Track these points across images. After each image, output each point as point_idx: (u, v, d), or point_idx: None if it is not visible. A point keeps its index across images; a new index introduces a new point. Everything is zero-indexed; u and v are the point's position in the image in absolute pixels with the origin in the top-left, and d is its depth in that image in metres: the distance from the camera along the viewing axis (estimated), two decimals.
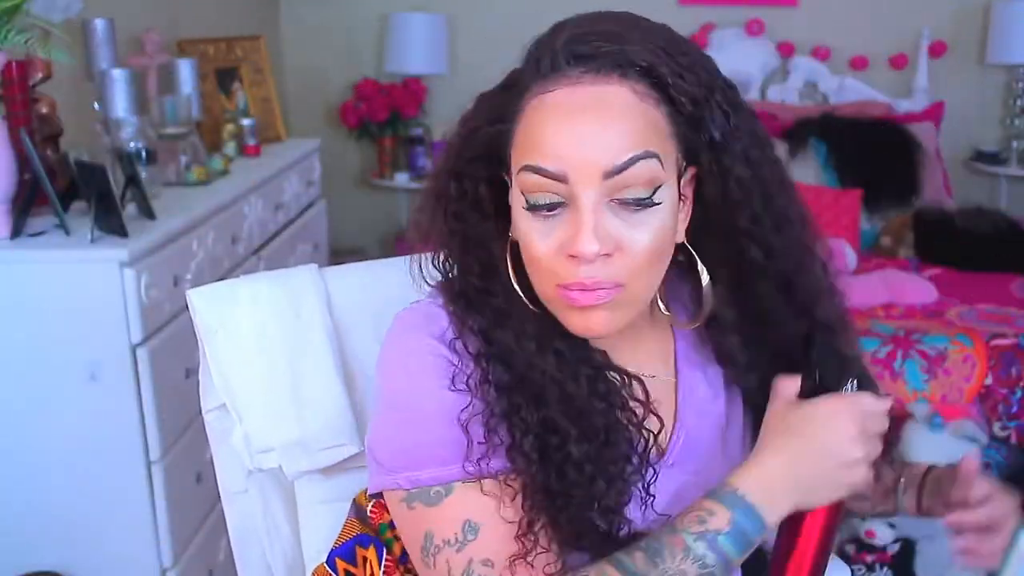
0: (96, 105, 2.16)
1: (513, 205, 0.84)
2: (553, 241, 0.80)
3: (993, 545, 0.93)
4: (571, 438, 0.83)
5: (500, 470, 0.84)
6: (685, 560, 0.78)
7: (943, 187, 3.60)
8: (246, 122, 2.72)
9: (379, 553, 0.96)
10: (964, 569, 0.97)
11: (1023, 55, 3.63)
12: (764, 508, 0.80)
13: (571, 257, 0.79)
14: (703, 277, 0.89)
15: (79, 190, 1.82)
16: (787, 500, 0.81)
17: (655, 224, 0.81)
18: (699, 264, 0.88)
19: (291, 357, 1.08)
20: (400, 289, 0.95)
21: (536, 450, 0.83)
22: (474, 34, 3.98)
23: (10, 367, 1.70)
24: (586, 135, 0.78)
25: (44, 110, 1.91)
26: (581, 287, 0.79)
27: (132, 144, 2.08)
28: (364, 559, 0.98)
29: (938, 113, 3.74)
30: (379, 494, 0.92)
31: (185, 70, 2.50)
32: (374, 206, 4.18)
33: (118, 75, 2.11)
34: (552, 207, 0.80)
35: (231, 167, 2.47)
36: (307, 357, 1.08)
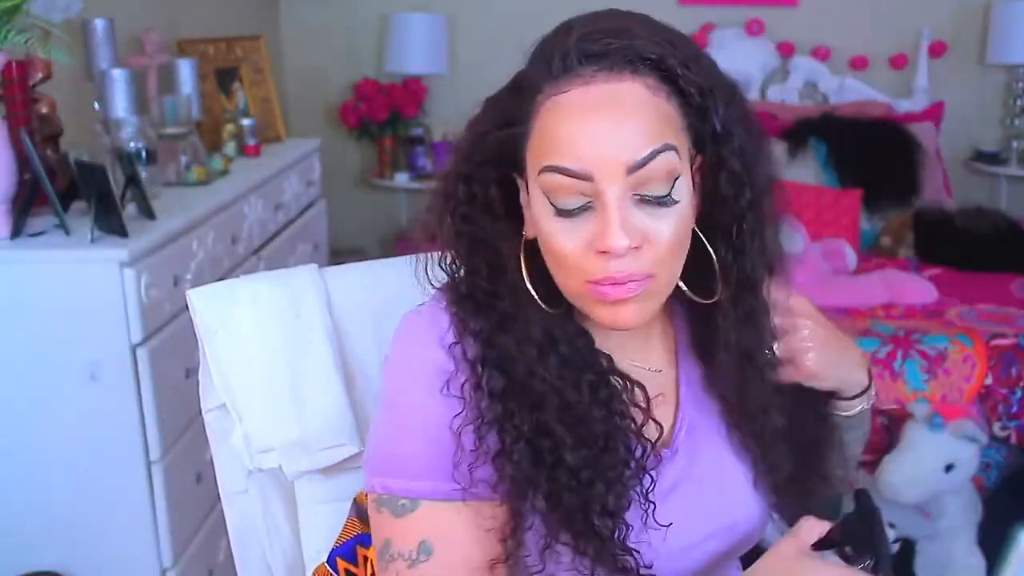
0: (96, 105, 2.16)
1: (532, 205, 0.84)
2: (580, 239, 0.80)
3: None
4: (566, 445, 0.83)
5: (482, 496, 0.84)
6: None
7: (943, 187, 3.60)
8: (246, 122, 2.72)
9: None
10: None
11: (1023, 55, 3.64)
12: None
13: (601, 253, 0.79)
14: (715, 258, 0.88)
15: (79, 190, 1.82)
16: None
17: (677, 214, 0.82)
18: (709, 247, 0.88)
19: (291, 357, 1.08)
20: (400, 289, 0.95)
21: (528, 457, 0.83)
22: (474, 34, 3.98)
23: (10, 367, 1.70)
24: (606, 133, 0.79)
25: (44, 110, 1.91)
26: (612, 281, 0.80)
27: (132, 144, 2.08)
28: (365, 558, 0.99)
29: (938, 113, 3.74)
30: None
31: (185, 70, 2.50)
32: (374, 206, 4.18)
33: (118, 75, 2.11)
34: (582, 207, 0.80)
35: (231, 167, 2.47)
36: (307, 357, 1.08)
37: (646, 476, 0.86)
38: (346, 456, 1.07)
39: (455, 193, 0.87)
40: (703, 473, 0.92)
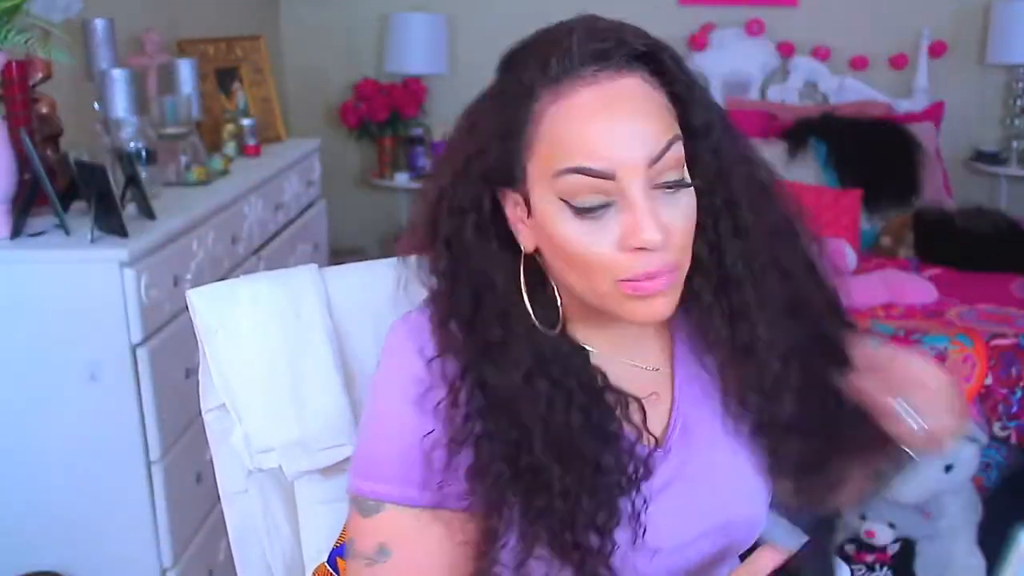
0: (96, 105, 2.16)
1: (539, 214, 0.83)
2: (607, 238, 0.80)
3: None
4: (553, 473, 0.83)
5: (450, 507, 0.85)
6: None
7: (943, 187, 3.60)
8: (246, 122, 2.72)
9: None
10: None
11: (1023, 55, 3.64)
12: None
13: (636, 250, 0.80)
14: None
15: (79, 190, 1.82)
16: None
17: (688, 203, 0.83)
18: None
19: (291, 357, 1.08)
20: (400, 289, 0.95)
21: (506, 478, 0.83)
22: (474, 34, 3.98)
23: (10, 367, 1.70)
24: (623, 130, 0.79)
25: (44, 110, 1.91)
26: (648, 276, 0.81)
27: (132, 144, 2.08)
28: None
29: (938, 113, 3.74)
30: None
31: (185, 70, 2.50)
32: (374, 206, 4.18)
33: (118, 75, 2.11)
34: (604, 207, 0.80)
35: (231, 167, 2.47)
36: (307, 357, 1.08)
37: (639, 496, 0.86)
38: (346, 456, 1.07)
39: (442, 215, 0.87)
40: (697, 472, 0.92)
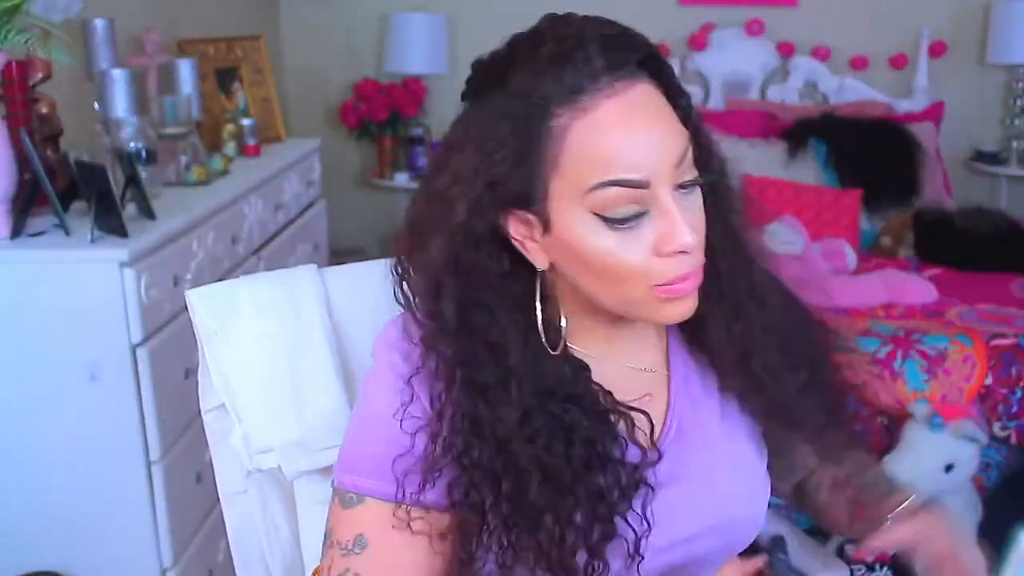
0: (96, 105, 2.16)
1: (567, 228, 0.81)
2: (641, 247, 0.81)
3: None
4: (547, 505, 0.83)
5: (432, 506, 0.86)
6: None
7: (943, 187, 3.60)
8: (246, 122, 2.72)
9: None
10: None
11: (1023, 55, 3.63)
12: None
13: (675, 254, 0.81)
14: None
15: (79, 190, 1.82)
16: None
17: (699, 201, 0.85)
18: None
19: (291, 357, 1.08)
20: None
21: (489, 495, 0.83)
22: (474, 34, 3.98)
23: (10, 367, 1.71)
24: (651, 138, 0.80)
25: (44, 110, 1.91)
26: (682, 279, 0.82)
27: (132, 144, 2.08)
28: None
29: (938, 113, 3.74)
30: None
31: (185, 70, 2.50)
32: (374, 206, 4.18)
33: (118, 75, 2.11)
34: (638, 216, 0.80)
35: (231, 167, 2.47)
36: (307, 357, 1.08)
37: (632, 513, 0.86)
38: None
39: (460, 246, 0.84)
40: (694, 472, 0.92)
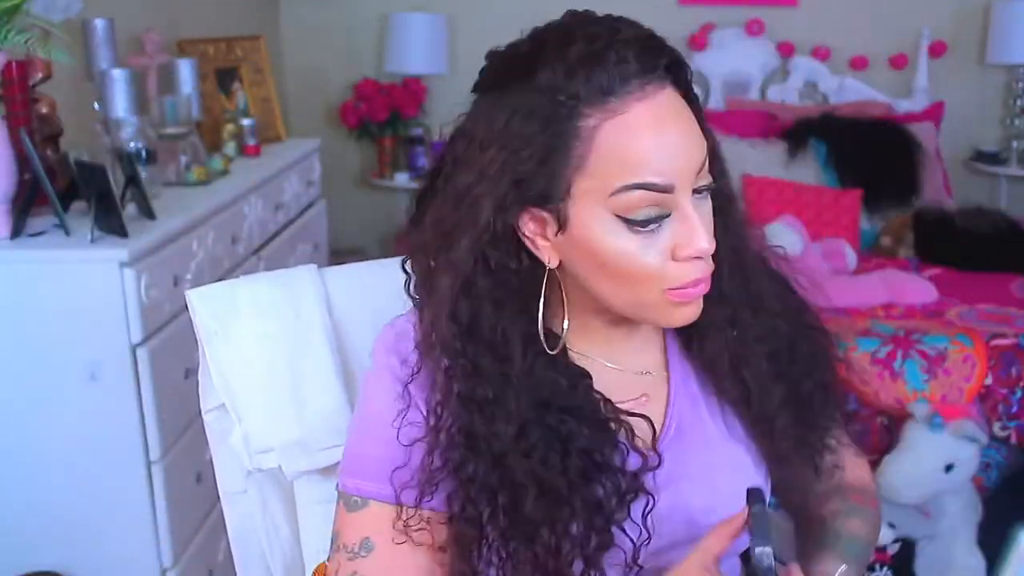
0: (96, 105, 2.16)
1: (588, 230, 0.81)
2: (659, 250, 0.82)
3: None
4: (543, 518, 0.83)
5: (430, 512, 0.86)
6: None
7: (943, 187, 3.60)
8: (246, 122, 2.72)
9: None
10: None
11: (1023, 55, 3.63)
12: None
13: (691, 259, 0.82)
14: None
15: (79, 190, 1.82)
16: None
17: (710, 206, 0.85)
18: None
19: (291, 357, 1.08)
20: (400, 289, 0.95)
21: (487, 508, 0.83)
22: (474, 34, 3.98)
23: (10, 367, 1.70)
24: (678, 142, 0.81)
25: (44, 110, 1.91)
26: (695, 283, 0.83)
27: (132, 144, 2.08)
28: None
29: (938, 113, 3.74)
30: None
31: (185, 70, 2.50)
32: (374, 206, 4.18)
33: (118, 75, 2.11)
34: (660, 219, 0.81)
35: (231, 167, 2.47)
36: (307, 357, 1.08)
37: (643, 531, 0.86)
38: None
39: (484, 257, 0.84)
40: (693, 472, 0.92)
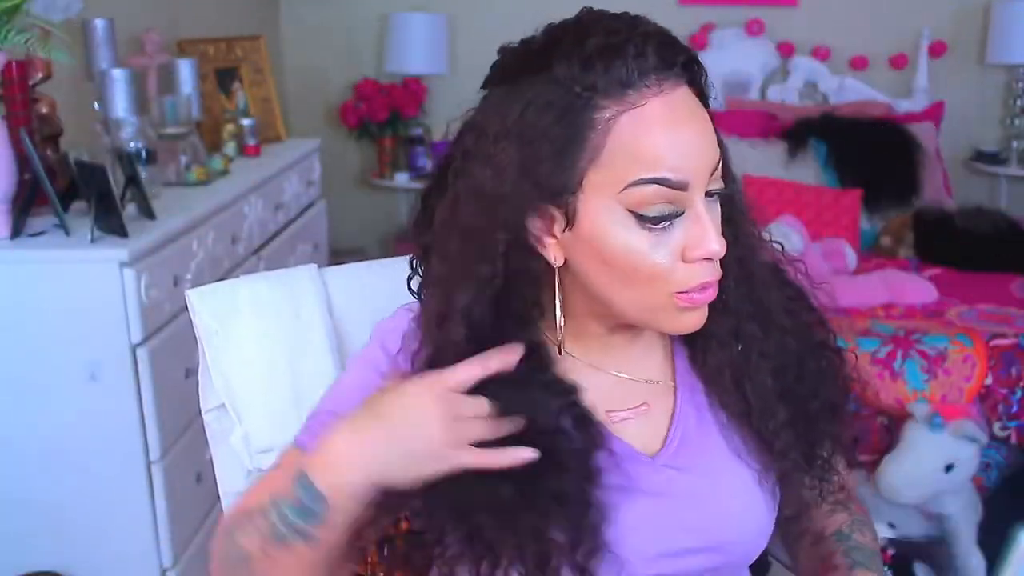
0: (96, 105, 2.16)
1: (599, 225, 0.80)
2: (669, 250, 0.80)
3: None
4: (500, 545, 0.81)
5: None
6: (264, 522, 0.79)
7: (943, 187, 3.60)
8: (246, 122, 2.73)
9: (380, 549, 0.97)
10: None
11: (1023, 55, 3.63)
12: (322, 481, 0.78)
13: (701, 261, 0.80)
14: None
15: (79, 190, 1.82)
16: (356, 475, 0.78)
17: (719, 211, 0.84)
18: None
19: (291, 357, 1.08)
20: (400, 289, 0.95)
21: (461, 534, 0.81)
22: (474, 34, 3.98)
23: (10, 367, 1.71)
24: (693, 141, 0.80)
25: (44, 110, 1.91)
26: (702, 288, 0.81)
27: (132, 144, 2.08)
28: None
29: (938, 113, 3.74)
30: None
31: (185, 70, 2.50)
32: (374, 206, 4.18)
33: (118, 75, 2.11)
34: (672, 217, 0.79)
35: (231, 167, 2.47)
36: (307, 357, 1.08)
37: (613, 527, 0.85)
38: None
39: (507, 255, 0.82)
40: (693, 487, 0.89)
